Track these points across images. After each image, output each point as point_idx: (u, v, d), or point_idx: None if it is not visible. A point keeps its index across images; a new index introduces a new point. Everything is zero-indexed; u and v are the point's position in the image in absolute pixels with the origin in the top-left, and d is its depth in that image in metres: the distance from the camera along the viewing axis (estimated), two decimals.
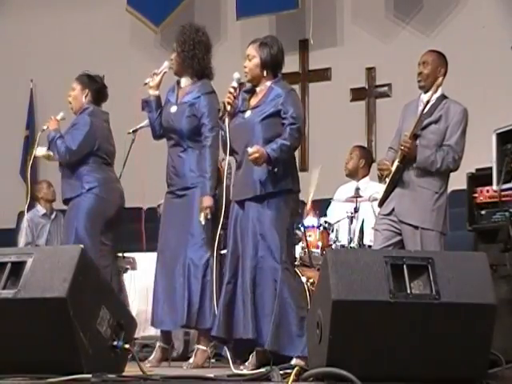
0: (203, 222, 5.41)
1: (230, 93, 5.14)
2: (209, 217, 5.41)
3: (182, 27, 5.73)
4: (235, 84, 5.19)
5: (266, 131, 5.06)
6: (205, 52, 5.65)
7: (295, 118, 5.06)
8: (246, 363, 5.00)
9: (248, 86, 5.28)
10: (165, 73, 5.73)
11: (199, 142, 5.56)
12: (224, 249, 5.62)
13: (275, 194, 5.02)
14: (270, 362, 4.85)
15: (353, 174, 7.10)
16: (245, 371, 4.72)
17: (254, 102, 5.20)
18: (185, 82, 5.69)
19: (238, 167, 5.20)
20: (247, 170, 5.07)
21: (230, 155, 5.16)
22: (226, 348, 5.20)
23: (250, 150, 4.91)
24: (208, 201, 5.42)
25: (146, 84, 5.74)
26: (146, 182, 5.96)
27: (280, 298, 4.90)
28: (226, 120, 5.13)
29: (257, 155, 4.89)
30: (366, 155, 7.27)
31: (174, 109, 5.65)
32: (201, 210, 5.41)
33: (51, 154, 6.13)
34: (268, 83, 5.18)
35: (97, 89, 6.21)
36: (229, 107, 5.14)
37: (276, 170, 4.98)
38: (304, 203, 6.63)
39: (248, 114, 5.15)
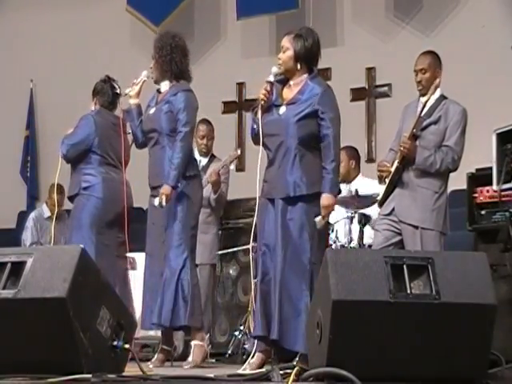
0: (156, 204, 5.47)
1: (266, 90, 5.03)
2: (163, 204, 5.44)
3: (158, 35, 5.88)
4: (272, 78, 5.08)
5: (301, 131, 4.98)
6: (182, 56, 5.72)
7: (332, 120, 5.03)
8: (247, 363, 4.99)
9: (280, 76, 5.14)
10: (144, 81, 5.84)
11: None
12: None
13: (307, 196, 4.96)
14: (271, 362, 4.88)
15: (346, 178, 6.94)
16: (245, 371, 4.72)
17: (288, 95, 5.09)
18: (164, 86, 5.75)
19: (270, 164, 5.09)
20: (281, 170, 4.99)
21: (262, 146, 5.06)
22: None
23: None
24: (166, 189, 5.46)
25: (126, 94, 5.88)
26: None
27: (308, 299, 4.80)
28: (259, 113, 5.04)
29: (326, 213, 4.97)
30: (354, 154, 7.01)
31: (152, 110, 5.73)
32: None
33: None
34: (303, 77, 5.07)
35: (101, 93, 6.24)
36: (262, 102, 5.03)
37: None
38: None
39: (283, 110, 5.05)
